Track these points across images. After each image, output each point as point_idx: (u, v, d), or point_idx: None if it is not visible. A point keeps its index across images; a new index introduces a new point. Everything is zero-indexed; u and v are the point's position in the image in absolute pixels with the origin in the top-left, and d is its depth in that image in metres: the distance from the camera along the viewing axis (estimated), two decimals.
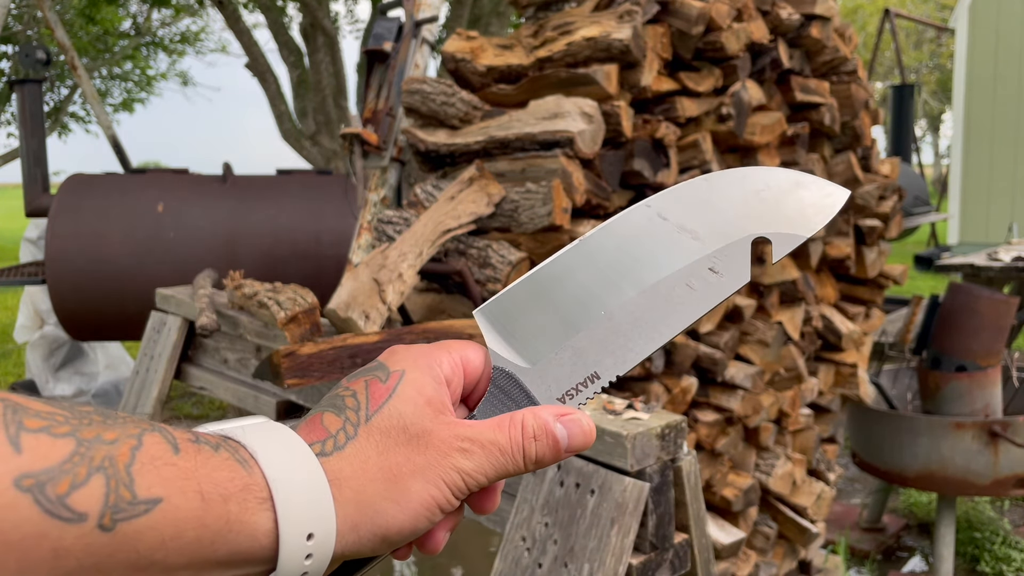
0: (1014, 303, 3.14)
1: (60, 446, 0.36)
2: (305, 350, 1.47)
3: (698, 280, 0.52)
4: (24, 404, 0.37)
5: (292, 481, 0.42)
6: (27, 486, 0.34)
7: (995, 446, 2.90)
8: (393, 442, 0.46)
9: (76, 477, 0.36)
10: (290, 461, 0.43)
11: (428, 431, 0.47)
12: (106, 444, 0.37)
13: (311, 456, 0.44)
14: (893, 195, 2.83)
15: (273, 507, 0.41)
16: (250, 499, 0.40)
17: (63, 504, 0.35)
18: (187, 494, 0.38)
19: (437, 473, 0.46)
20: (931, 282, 9.86)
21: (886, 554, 3.48)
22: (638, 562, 1.26)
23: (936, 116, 25.40)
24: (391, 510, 0.45)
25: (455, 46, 2.21)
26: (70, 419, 0.37)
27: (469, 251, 1.93)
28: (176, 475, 0.38)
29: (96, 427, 0.38)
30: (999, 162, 10.56)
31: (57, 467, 0.35)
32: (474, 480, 0.47)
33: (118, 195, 4.14)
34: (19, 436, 0.35)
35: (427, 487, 0.46)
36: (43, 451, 0.35)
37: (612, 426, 1.26)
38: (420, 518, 0.46)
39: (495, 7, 8.57)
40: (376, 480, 0.45)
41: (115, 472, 0.37)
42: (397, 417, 0.47)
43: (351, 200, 4.02)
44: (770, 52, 2.34)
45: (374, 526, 0.45)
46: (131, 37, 12.90)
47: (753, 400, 2.28)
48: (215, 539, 0.39)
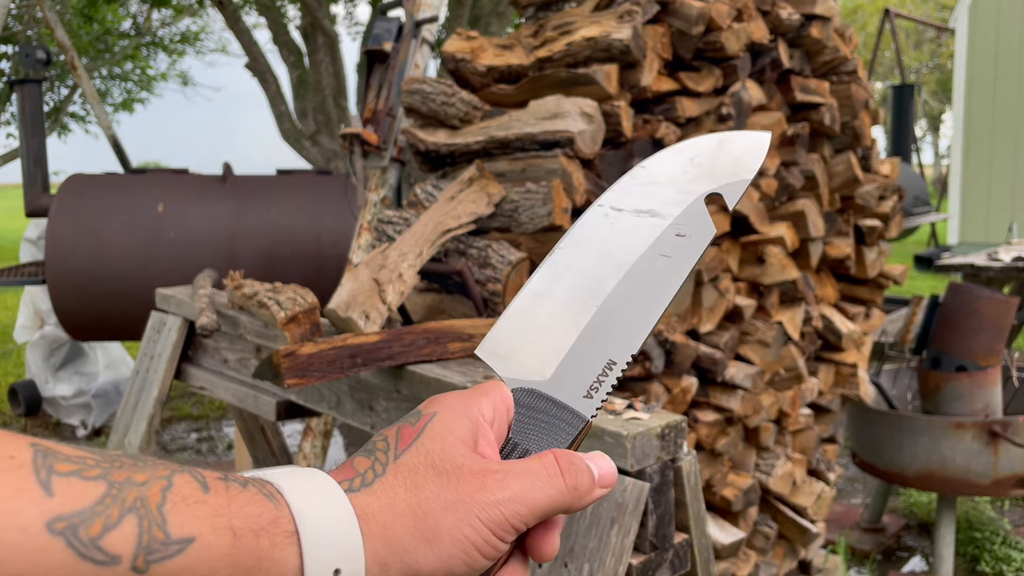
0: (1014, 303, 3.14)
1: (91, 488, 0.36)
2: (305, 350, 1.47)
3: (670, 247, 0.55)
4: (54, 449, 0.37)
5: (318, 515, 0.41)
6: (60, 529, 0.34)
7: (995, 446, 2.90)
8: (422, 478, 0.45)
9: (109, 519, 0.35)
10: (317, 494, 0.42)
11: (459, 467, 0.46)
12: (137, 486, 0.37)
13: (339, 492, 0.43)
14: (893, 195, 2.83)
15: (299, 541, 0.40)
16: (278, 533, 0.40)
17: (96, 546, 0.35)
18: (219, 531, 0.38)
19: (470, 510, 0.45)
20: (931, 282, 9.86)
21: (886, 554, 3.48)
22: (638, 562, 1.26)
23: (936, 116, 25.40)
24: (421, 548, 0.43)
25: (455, 46, 2.21)
26: (100, 462, 0.37)
27: (469, 251, 1.93)
28: (207, 513, 0.38)
29: (126, 470, 0.38)
30: (999, 162, 10.56)
31: (89, 509, 0.35)
32: (514, 512, 0.45)
33: (118, 195, 4.14)
34: (50, 480, 0.35)
35: (459, 525, 0.44)
36: (75, 493, 0.35)
37: (612, 426, 1.26)
38: (454, 559, 0.44)
39: (495, 7, 8.57)
40: (405, 516, 0.44)
41: (147, 512, 0.36)
42: (425, 454, 0.46)
43: (351, 200, 4.02)
44: (770, 52, 2.34)
45: (403, 565, 0.43)
46: (131, 37, 12.90)
47: (753, 400, 2.28)
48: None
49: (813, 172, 2.50)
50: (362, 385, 1.68)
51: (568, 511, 0.49)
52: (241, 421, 2.52)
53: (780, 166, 2.43)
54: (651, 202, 0.56)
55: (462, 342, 1.60)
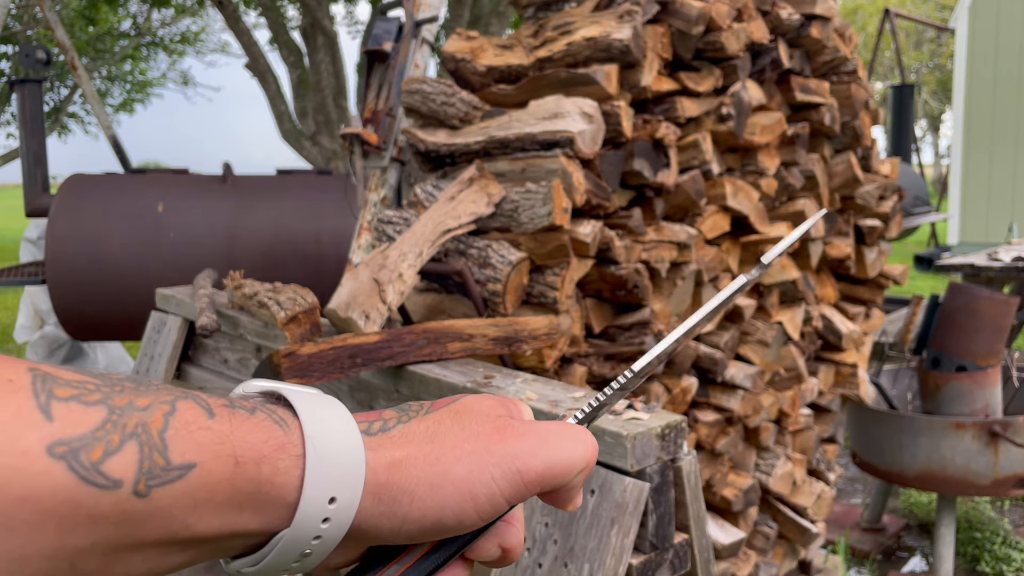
0: (1014, 303, 3.14)
1: (92, 413, 0.36)
2: (305, 350, 1.47)
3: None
4: (54, 373, 0.36)
5: (329, 443, 0.41)
6: (60, 453, 0.34)
7: (995, 446, 2.90)
8: (446, 429, 0.45)
9: (110, 444, 0.35)
10: (332, 421, 0.42)
11: (483, 421, 0.46)
12: (139, 411, 0.37)
13: (353, 424, 0.43)
14: (893, 195, 2.83)
15: (304, 466, 0.41)
16: (284, 458, 0.40)
17: (98, 471, 0.35)
18: (221, 458, 0.38)
19: (484, 460, 0.44)
20: (931, 282, 9.86)
21: (886, 554, 3.48)
22: (638, 562, 1.26)
23: (936, 116, 25.40)
24: (420, 492, 0.43)
25: (455, 46, 2.21)
26: (101, 387, 0.37)
27: (469, 251, 1.93)
28: (210, 439, 0.38)
29: (128, 394, 0.38)
30: (999, 162, 10.56)
31: (90, 434, 0.35)
32: (528, 466, 0.45)
33: (118, 195, 4.14)
34: (50, 404, 0.35)
35: (469, 475, 0.44)
36: (75, 418, 0.35)
37: (612, 426, 1.26)
38: (447, 510, 0.43)
39: (495, 7, 8.56)
40: (417, 459, 0.44)
41: (149, 438, 0.36)
42: (454, 412, 0.47)
43: (351, 200, 4.01)
44: (770, 52, 2.34)
45: (395, 504, 0.43)
46: (131, 37, 12.90)
47: (753, 400, 2.28)
48: (243, 501, 0.39)
49: (813, 172, 2.50)
50: (362, 385, 1.68)
51: (575, 484, 0.48)
52: None
53: (780, 166, 2.43)
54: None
55: (462, 342, 1.60)
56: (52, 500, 0.34)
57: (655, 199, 2.14)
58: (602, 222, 1.96)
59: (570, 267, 1.87)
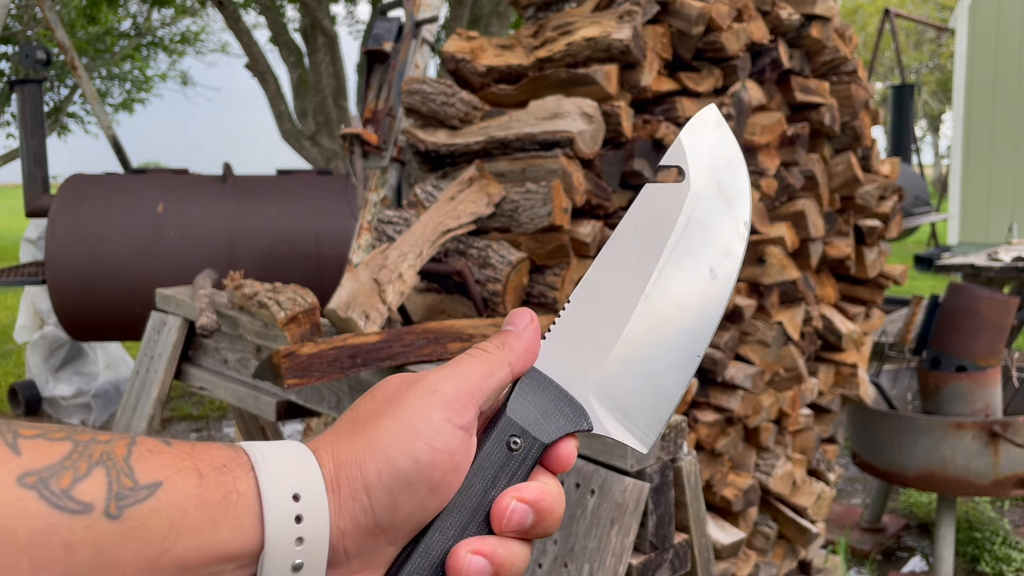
0: (1014, 303, 3.14)
1: (58, 447, 0.37)
2: (305, 350, 1.47)
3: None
4: (16, 422, 0.38)
5: (271, 452, 0.42)
6: (30, 483, 0.35)
7: (995, 446, 2.90)
8: (363, 405, 0.46)
9: (77, 471, 0.36)
10: (269, 443, 0.43)
11: (391, 383, 0.47)
12: (102, 443, 0.38)
13: (291, 441, 0.44)
14: (893, 195, 2.83)
15: (254, 470, 0.41)
16: (238, 467, 0.41)
17: (68, 496, 0.35)
18: (184, 473, 0.39)
19: (402, 406, 0.44)
20: (931, 282, 9.87)
21: (886, 554, 3.48)
22: (638, 562, 1.26)
23: (936, 116, 25.40)
24: (365, 457, 0.43)
25: (455, 46, 2.21)
26: (63, 429, 0.38)
27: (469, 251, 1.93)
28: (172, 459, 0.39)
29: (90, 433, 0.39)
30: (999, 162, 10.56)
31: (58, 464, 0.36)
32: (444, 384, 0.45)
33: (118, 195, 4.14)
34: (16, 442, 0.36)
35: (397, 419, 0.44)
36: (41, 452, 0.36)
37: None
38: (393, 455, 0.43)
39: (495, 7, 8.57)
40: (348, 438, 0.44)
41: (114, 464, 0.37)
42: (365, 395, 0.47)
43: (351, 200, 4.01)
44: (770, 52, 2.34)
45: (351, 480, 0.43)
46: (131, 37, 12.90)
47: (753, 400, 2.28)
48: (216, 515, 0.39)
49: (813, 172, 2.50)
50: (362, 385, 1.68)
51: (502, 382, 0.48)
52: (241, 421, 2.51)
53: (780, 166, 2.43)
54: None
55: (462, 342, 1.60)
56: (24, 529, 0.34)
57: None
58: (602, 222, 1.96)
59: (570, 267, 1.87)
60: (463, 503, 0.45)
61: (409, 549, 0.45)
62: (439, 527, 0.45)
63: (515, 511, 0.45)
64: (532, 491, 0.46)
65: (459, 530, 0.45)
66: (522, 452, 0.47)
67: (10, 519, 0.34)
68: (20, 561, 0.34)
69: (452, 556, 0.44)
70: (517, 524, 0.45)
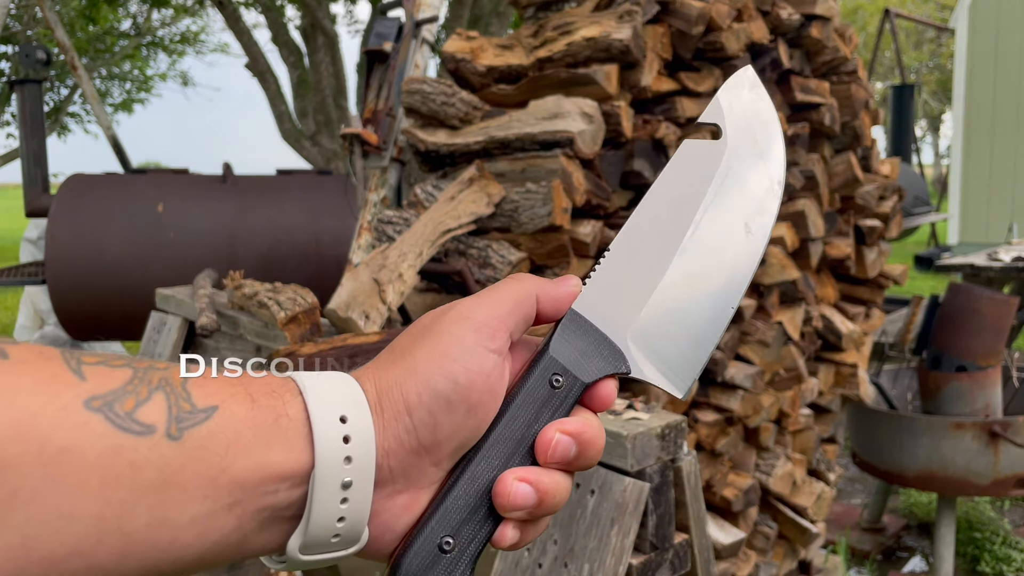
0: (1014, 303, 3.14)
1: (119, 374, 0.39)
2: (305, 350, 1.47)
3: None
4: (78, 350, 0.40)
5: (318, 379, 0.45)
6: (97, 406, 0.37)
7: (995, 446, 2.90)
8: (398, 338, 0.49)
9: (139, 395, 0.39)
10: (313, 375, 0.46)
11: (427, 316, 0.49)
12: (159, 370, 0.41)
13: (335, 371, 0.47)
14: (893, 195, 2.83)
15: (303, 395, 0.43)
16: (287, 392, 0.43)
17: (132, 419, 0.38)
18: (237, 398, 0.42)
19: (442, 328, 0.47)
20: (931, 282, 9.86)
21: (886, 554, 3.48)
22: (638, 562, 1.26)
23: (936, 116, 25.40)
24: (405, 381, 0.45)
25: (455, 46, 2.21)
26: (122, 357, 0.41)
27: (469, 251, 1.93)
28: (225, 385, 0.42)
29: (147, 361, 0.42)
30: (999, 162, 10.56)
31: (121, 388, 0.38)
32: (474, 311, 0.47)
33: (118, 195, 4.14)
34: (81, 368, 0.38)
35: (434, 345, 0.46)
36: (104, 378, 0.38)
37: (612, 426, 1.26)
38: (433, 378, 0.45)
39: (495, 7, 8.57)
40: (389, 366, 0.47)
41: (172, 390, 0.40)
42: (407, 331, 0.50)
43: (351, 200, 4.01)
44: (770, 52, 2.34)
45: (393, 402, 0.45)
46: (131, 37, 12.90)
47: (753, 400, 2.28)
48: (269, 437, 0.41)
49: (813, 172, 2.50)
50: None
51: (532, 307, 0.50)
52: None
53: None
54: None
55: None
56: (93, 448, 0.36)
57: None
58: (602, 222, 1.96)
59: (570, 267, 1.87)
60: (508, 435, 0.48)
61: (456, 477, 0.47)
62: (485, 456, 0.47)
63: (559, 442, 0.47)
64: (574, 424, 0.48)
65: (504, 460, 0.47)
66: (564, 390, 0.50)
67: (80, 439, 0.36)
68: (90, 478, 0.36)
69: (499, 483, 0.46)
70: (561, 455, 0.47)
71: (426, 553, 0.46)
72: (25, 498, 0.34)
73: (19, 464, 0.34)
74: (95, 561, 0.36)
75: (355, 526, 0.44)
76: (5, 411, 0.35)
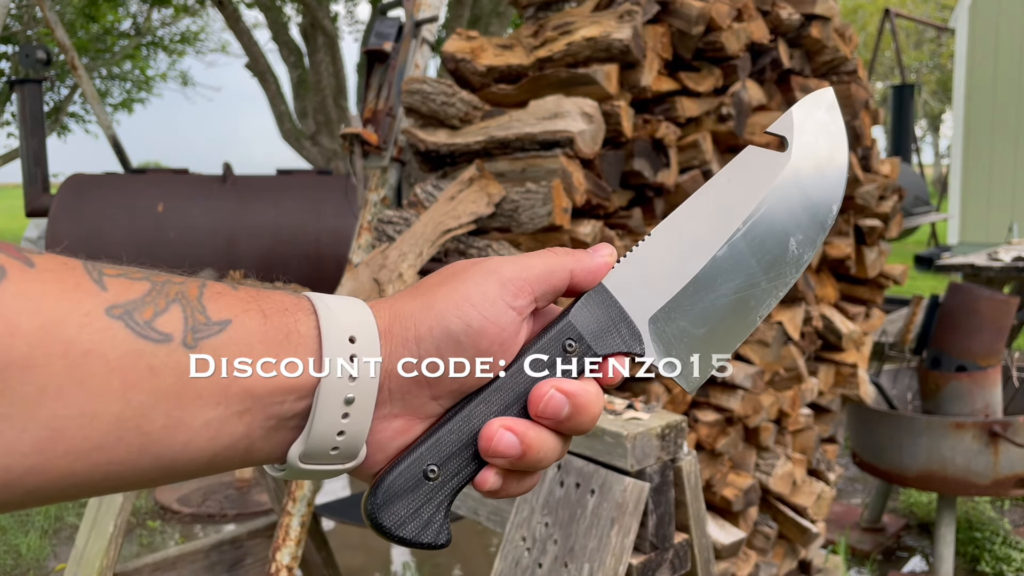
0: (1014, 303, 3.14)
1: (138, 285, 0.42)
2: None
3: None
4: (99, 263, 0.43)
5: (332, 300, 0.47)
6: (117, 314, 0.39)
7: (995, 446, 2.90)
8: (425, 279, 0.51)
9: (157, 306, 0.41)
10: (330, 297, 0.48)
11: (458, 263, 0.51)
12: (177, 284, 0.43)
13: (351, 296, 0.49)
14: (893, 195, 2.83)
15: (315, 314, 0.46)
16: (300, 311, 0.46)
17: (151, 327, 0.40)
18: (251, 313, 0.44)
19: (470, 276, 0.48)
20: (931, 282, 9.86)
21: (886, 554, 3.48)
22: (638, 562, 1.26)
23: (936, 116, 25.41)
24: (420, 314, 0.47)
25: (455, 46, 2.21)
26: (141, 271, 0.43)
27: (469, 251, 1.93)
28: (239, 300, 0.44)
29: (165, 275, 0.44)
30: (999, 162, 10.56)
31: (140, 299, 0.41)
32: (507, 270, 0.48)
33: (118, 195, 4.14)
34: (102, 279, 0.40)
35: (457, 288, 0.47)
36: (125, 288, 0.41)
37: (612, 426, 1.26)
38: (448, 317, 0.46)
39: (495, 7, 8.57)
40: (408, 299, 0.48)
41: (188, 303, 0.42)
42: (436, 273, 0.51)
43: (351, 200, 4.01)
44: (770, 52, 2.34)
45: (404, 331, 0.47)
46: (131, 37, 12.90)
47: (753, 400, 2.28)
48: (279, 351, 0.44)
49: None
50: None
51: (573, 277, 0.51)
52: None
53: None
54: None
55: None
56: (114, 352, 0.38)
57: (655, 199, 2.14)
58: (602, 222, 1.96)
59: None
60: (511, 385, 0.49)
61: (453, 412, 0.48)
62: (485, 399, 0.48)
63: (552, 397, 0.48)
64: (572, 385, 0.49)
65: (502, 408, 0.49)
66: (575, 355, 0.50)
67: (101, 344, 0.38)
68: (112, 380, 0.38)
69: (486, 427, 0.48)
70: (553, 411, 0.48)
71: (411, 475, 0.48)
72: (52, 395, 0.36)
73: (46, 364, 0.36)
74: (115, 456, 0.39)
75: (354, 441, 0.45)
76: (33, 315, 0.37)
